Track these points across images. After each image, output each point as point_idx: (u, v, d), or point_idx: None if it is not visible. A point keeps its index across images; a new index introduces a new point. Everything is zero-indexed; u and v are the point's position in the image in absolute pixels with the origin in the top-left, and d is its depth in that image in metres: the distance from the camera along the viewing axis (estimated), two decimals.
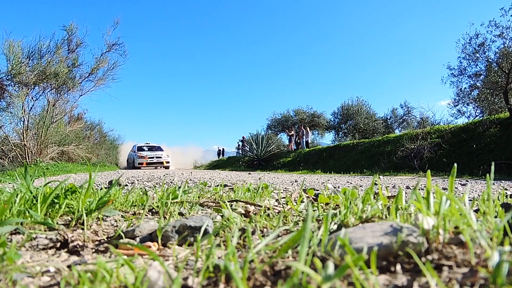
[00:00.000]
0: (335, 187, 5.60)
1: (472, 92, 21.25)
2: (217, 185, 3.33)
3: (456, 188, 5.67)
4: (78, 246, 1.12)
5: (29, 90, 18.60)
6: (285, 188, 5.09)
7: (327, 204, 2.08)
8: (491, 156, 12.37)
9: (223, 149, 41.60)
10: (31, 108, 19.27)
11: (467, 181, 8.28)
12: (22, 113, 18.64)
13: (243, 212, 1.83)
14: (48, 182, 1.70)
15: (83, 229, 1.35)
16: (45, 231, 1.33)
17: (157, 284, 0.71)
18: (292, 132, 29.79)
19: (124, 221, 1.61)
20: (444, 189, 5.16)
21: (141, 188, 2.78)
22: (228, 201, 1.95)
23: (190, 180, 7.82)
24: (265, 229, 1.36)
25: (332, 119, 37.08)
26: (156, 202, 1.98)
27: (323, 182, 7.52)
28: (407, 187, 5.82)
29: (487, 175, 1.08)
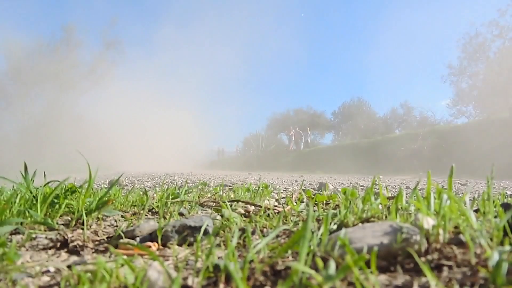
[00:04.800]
0: (335, 187, 5.60)
1: (472, 92, 21.25)
2: (217, 185, 3.33)
3: (456, 188, 5.67)
4: (78, 246, 1.12)
5: (29, 89, 18.64)
6: (285, 188, 5.09)
7: (327, 204, 2.08)
8: (491, 156, 12.38)
9: (223, 149, 41.60)
10: (31, 108, 19.30)
11: (467, 181, 8.28)
12: (21, 113, 18.69)
13: (243, 212, 1.83)
14: (48, 182, 1.70)
15: (83, 229, 1.34)
16: (45, 231, 1.33)
17: (157, 284, 0.71)
18: (292, 132, 29.79)
19: (124, 221, 1.60)
20: (444, 189, 5.15)
21: (141, 188, 2.78)
22: (228, 201, 1.95)
23: (190, 180, 7.82)
24: (265, 229, 1.36)
25: (332, 119, 37.14)
26: (156, 202, 1.98)
27: (323, 182, 7.52)
28: (407, 187, 5.83)
29: (487, 175, 1.08)
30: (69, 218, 1.54)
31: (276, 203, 2.24)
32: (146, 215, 1.81)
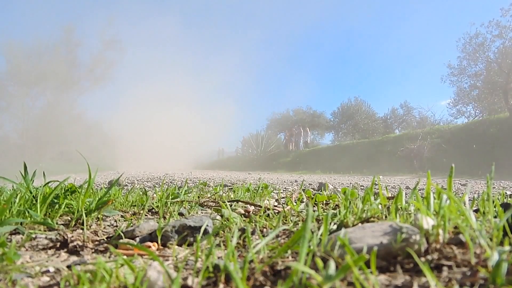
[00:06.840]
0: (335, 187, 5.60)
1: (472, 92, 21.26)
2: (217, 185, 3.33)
3: (456, 188, 5.67)
4: (77, 246, 1.12)
5: (29, 90, 18.66)
6: (285, 188, 5.09)
7: (326, 204, 2.08)
8: (491, 156, 12.37)
9: (223, 149, 41.56)
10: (31, 108, 19.31)
11: (467, 181, 8.28)
12: (21, 113, 18.70)
13: (243, 212, 1.83)
14: (48, 182, 1.70)
15: (82, 229, 1.34)
16: (45, 231, 1.33)
17: (156, 284, 0.71)
18: (292, 132, 29.75)
19: (124, 221, 1.60)
20: (444, 189, 5.15)
21: (140, 188, 2.78)
22: (228, 201, 1.95)
23: (190, 180, 7.82)
24: (264, 229, 1.36)
25: (332, 119, 37.12)
26: (156, 202, 1.98)
27: (323, 182, 7.51)
28: (407, 187, 5.83)
29: (487, 175, 1.08)
30: (69, 218, 1.54)
31: (276, 203, 2.24)
32: (146, 215, 1.81)
